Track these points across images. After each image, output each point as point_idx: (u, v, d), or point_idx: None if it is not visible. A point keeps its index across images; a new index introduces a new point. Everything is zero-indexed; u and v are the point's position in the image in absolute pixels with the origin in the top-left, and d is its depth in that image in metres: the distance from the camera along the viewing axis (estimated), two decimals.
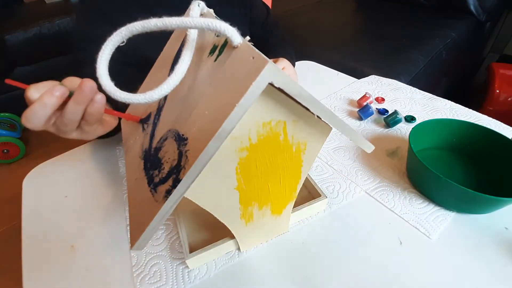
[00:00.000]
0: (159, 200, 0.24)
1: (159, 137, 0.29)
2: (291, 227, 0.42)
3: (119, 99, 0.22)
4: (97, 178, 0.53)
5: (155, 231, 0.25)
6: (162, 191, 0.24)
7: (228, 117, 0.20)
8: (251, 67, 0.20)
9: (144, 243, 0.26)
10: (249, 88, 0.19)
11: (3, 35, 1.44)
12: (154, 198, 0.25)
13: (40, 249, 0.42)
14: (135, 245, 0.25)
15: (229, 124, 0.20)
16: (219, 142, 0.21)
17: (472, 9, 1.38)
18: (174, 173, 0.24)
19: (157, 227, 0.25)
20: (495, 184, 0.45)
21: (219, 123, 0.20)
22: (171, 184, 0.23)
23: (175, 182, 0.23)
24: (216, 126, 0.20)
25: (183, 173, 0.22)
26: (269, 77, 0.19)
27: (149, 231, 0.25)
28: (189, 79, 0.28)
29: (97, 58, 0.22)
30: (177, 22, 0.21)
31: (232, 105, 0.19)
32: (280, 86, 0.20)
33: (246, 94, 0.19)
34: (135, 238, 0.25)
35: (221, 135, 0.20)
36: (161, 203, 0.24)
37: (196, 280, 0.37)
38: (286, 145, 0.30)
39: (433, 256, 0.38)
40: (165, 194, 0.24)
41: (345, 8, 1.65)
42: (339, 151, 0.55)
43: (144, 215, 0.25)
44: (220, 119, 0.20)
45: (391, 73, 1.02)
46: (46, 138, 1.69)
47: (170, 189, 0.23)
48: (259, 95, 0.20)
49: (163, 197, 0.24)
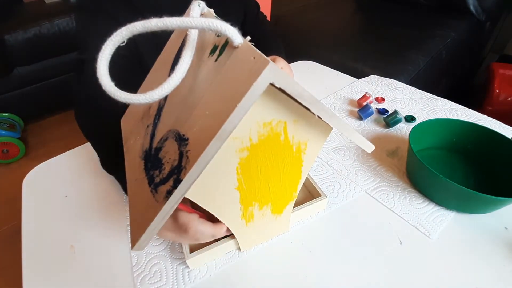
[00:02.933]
0: (160, 201, 0.24)
1: (160, 137, 0.29)
2: (291, 227, 0.42)
3: (119, 99, 0.22)
4: (97, 178, 0.53)
5: (156, 232, 0.25)
6: (163, 191, 0.24)
7: (229, 118, 0.20)
8: (252, 68, 0.20)
9: (145, 244, 0.26)
10: (249, 89, 0.19)
11: (3, 35, 1.44)
12: (155, 199, 0.25)
13: (40, 249, 0.42)
14: (136, 246, 0.25)
15: (230, 124, 0.20)
16: (220, 143, 0.21)
17: (472, 9, 1.38)
18: (175, 174, 0.23)
19: (158, 228, 0.25)
20: (495, 184, 0.45)
21: (220, 123, 0.20)
22: (171, 184, 0.23)
23: (176, 183, 0.23)
24: (217, 126, 0.20)
25: (184, 174, 0.22)
26: (270, 77, 0.19)
27: (150, 231, 0.25)
28: (189, 79, 0.28)
29: (97, 58, 0.22)
30: (178, 22, 0.21)
31: (233, 106, 0.19)
32: (281, 86, 0.20)
33: (246, 95, 0.19)
34: (135, 238, 0.25)
35: (222, 135, 0.20)
36: (161, 203, 0.24)
37: (196, 280, 0.37)
38: (286, 145, 0.30)
39: (433, 256, 0.38)
40: (166, 194, 0.24)
41: (345, 8, 1.65)
42: (339, 151, 0.55)
43: (145, 216, 0.25)
44: (221, 119, 0.20)
45: (391, 73, 1.02)
46: (46, 138, 1.69)
47: (171, 189, 0.23)
48: (260, 95, 0.20)
49: (164, 198, 0.24)
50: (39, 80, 1.64)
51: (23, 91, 1.62)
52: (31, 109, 1.72)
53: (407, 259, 0.38)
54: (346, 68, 0.88)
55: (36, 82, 1.64)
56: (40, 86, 1.66)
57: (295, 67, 0.85)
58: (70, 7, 1.67)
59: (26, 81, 1.60)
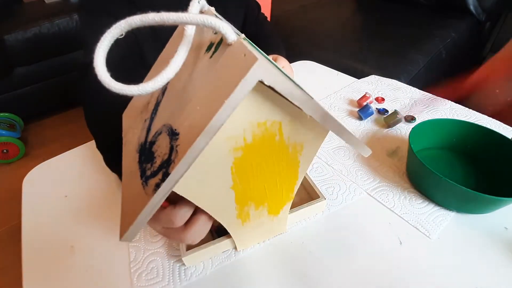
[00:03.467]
0: (149, 193, 0.24)
1: (154, 131, 0.29)
2: (289, 228, 0.42)
3: (113, 90, 0.22)
4: (97, 178, 0.53)
5: (143, 224, 0.25)
6: (152, 184, 0.24)
7: (216, 114, 0.20)
8: (242, 64, 0.20)
9: (133, 235, 0.26)
10: (238, 85, 0.19)
11: (3, 35, 1.44)
12: (145, 191, 0.25)
13: (40, 249, 0.42)
14: (123, 237, 0.25)
15: (218, 120, 0.20)
16: (208, 138, 0.21)
17: (472, 9, 1.38)
18: (164, 167, 0.24)
19: (145, 220, 0.25)
20: (495, 184, 0.45)
21: (208, 119, 0.20)
22: (160, 177, 0.23)
23: (164, 176, 0.23)
24: (205, 121, 0.20)
25: (172, 167, 0.22)
26: (259, 74, 0.19)
27: (138, 223, 0.25)
28: (185, 75, 0.28)
29: (95, 49, 0.23)
30: (174, 17, 0.21)
31: (221, 102, 0.20)
32: (270, 84, 0.20)
33: (234, 91, 0.19)
34: (124, 229, 0.26)
35: (210, 131, 0.21)
36: (150, 196, 0.24)
37: (192, 277, 0.37)
38: (282, 146, 0.29)
39: (433, 256, 0.38)
40: (155, 187, 0.24)
41: (345, 8, 1.65)
42: (339, 151, 0.55)
43: (134, 207, 0.25)
44: (210, 115, 0.20)
45: (391, 73, 1.02)
46: (46, 138, 1.69)
47: (159, 182, 0.23)
48: (251, 95, 0.20)
49: (152, 190, 0.24)
50: (39, 80, 1.64)
51: (23, 91, 1.62)
52: (31, 109, 1.72)
53: (407, 259, 0.38)
54: (346, 68, 0.88)
55: (36, 82, 1.64)
56: (40, 86, 1.66)
57: (295, 67, 0.85)
58: (70, 7, 1.67)
59: (26, 81, 1.60)
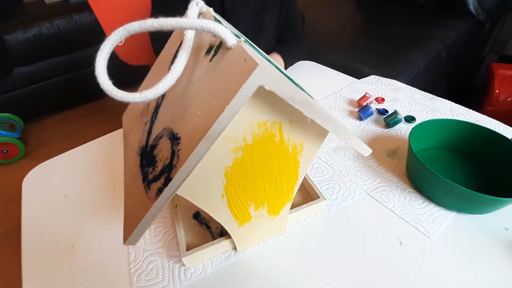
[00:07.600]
0: (151, 198, 0.24)
1: (155, 135, 0.29)
2: (289, 228, 0.42)
3: (116, 98, 0.23)
4: (97, 178, 0.53)
5: (147, 227, 0.25)
6: (155, 188, 0.24)
7: (217, 119, 0.20)
8: (242, 70, 0.20)
9: (136, 239, 0.26)
10: (238, 91, 0.19)
11: (3, 35, 1.44)
12: (147, 195, 0.25)
13: (40, 249, 0.42)
14: (127, 240, 0.26)
15: (219, 126, 0.20)
16: (210, 143, 0.21)
17: (472, 9, 1.38)
18: (166, 172, 0.24)
19: (148, 224, 0.25)
20: (495, 184, 0.45)
21: (210, 124, 0.20)
22: (163, 182, 0.24)
23: (167, 181, 0.23)
24: (207, 127, 0.20)
25: (174, 172, 0.22)
26: (259, 80, 0.19)
27: (141, 227, 0.25)
28: (185, 78, 0.28)
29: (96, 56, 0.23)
30: (172, 22, 0.21)
31: (222, 107, 0.20)
32: (271, 89, 0.20)
33: (235, 97, 0.19)
34: (128, 233, 0.26)
35: (211, 136, 0.21)
36: (152, 200, 0.24)
37: (192, 278, 0.37)
38: (282, 146, 0.30)
39: (433, 256, 0.38)
40: (157, 191, 0.24)
41: (345, 8, 1.65)
42: (339, 151, 0.55)
43: (137, 211, 0.26)
44: (211, 120, 0.20)
45: (391, 73, 1.02)
46: (46, 138, 1.69)
47: (162, 187, 0.23)
48: (251, 96, 0.20)
49: (155, 195, 0.24)
50: (39, 80, 1.64)
51: (23, 91, 1.62)
52: (31, 109, 1.72)
53: (407, 259, 0.38)
54: (346, 68, 0.88)
55: (36, 82, 1.64)
56: (40, 86, 1.66)
57: (295, 67, 0.85)
58: (70, 7, 1.67)
59: (26, 81, 1.60)
